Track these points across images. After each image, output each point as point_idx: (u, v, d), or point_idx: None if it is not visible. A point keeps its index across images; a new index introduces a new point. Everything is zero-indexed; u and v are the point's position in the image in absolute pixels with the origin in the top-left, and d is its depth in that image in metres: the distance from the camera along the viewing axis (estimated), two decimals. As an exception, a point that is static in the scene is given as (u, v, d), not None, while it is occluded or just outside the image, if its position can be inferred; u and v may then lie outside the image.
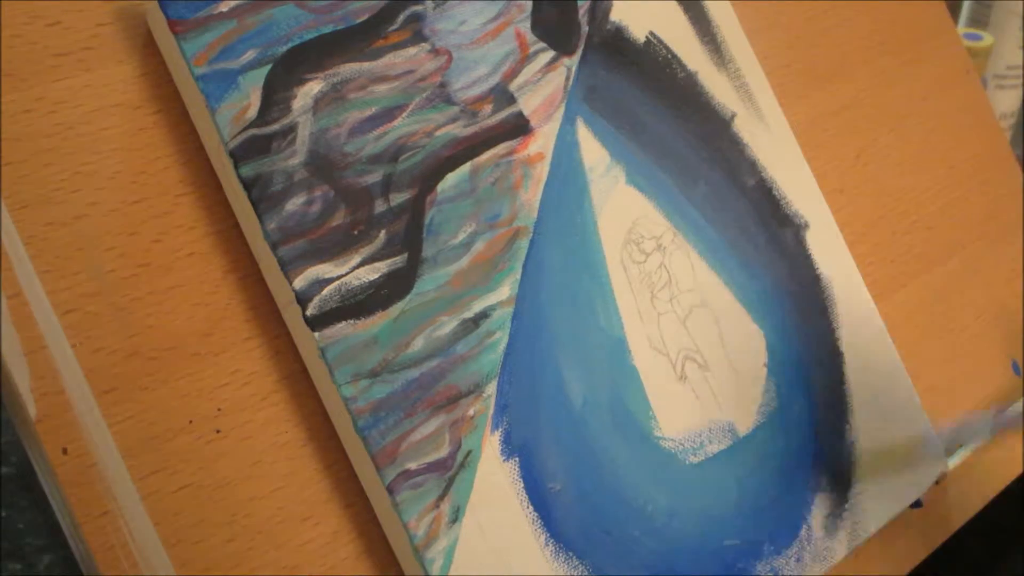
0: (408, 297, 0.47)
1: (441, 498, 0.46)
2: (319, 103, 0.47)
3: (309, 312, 0.45)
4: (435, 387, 0.47)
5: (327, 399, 0.46)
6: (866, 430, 0.58)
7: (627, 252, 0.53)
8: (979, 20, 1.02)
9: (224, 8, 0.46)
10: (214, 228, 0.46)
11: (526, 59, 0.53)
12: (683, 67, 0.58)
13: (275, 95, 0.46)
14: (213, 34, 0.45)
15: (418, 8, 0.50)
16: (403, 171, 0.48)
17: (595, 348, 0.51)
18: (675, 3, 0.58)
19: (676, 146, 0.57)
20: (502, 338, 0.49)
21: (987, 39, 0.98)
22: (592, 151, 0.54)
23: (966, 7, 1.03)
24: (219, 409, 0.44)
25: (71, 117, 0.44)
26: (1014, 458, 0.66)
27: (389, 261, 0.47)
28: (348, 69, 0.48)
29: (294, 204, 0.45)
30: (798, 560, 0.54)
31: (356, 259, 0.46)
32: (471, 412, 0.47)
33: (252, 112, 0.45)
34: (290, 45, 0.47)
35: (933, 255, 0.68)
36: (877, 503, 0.57)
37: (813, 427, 0.57)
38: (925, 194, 0.69)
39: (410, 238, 0.48)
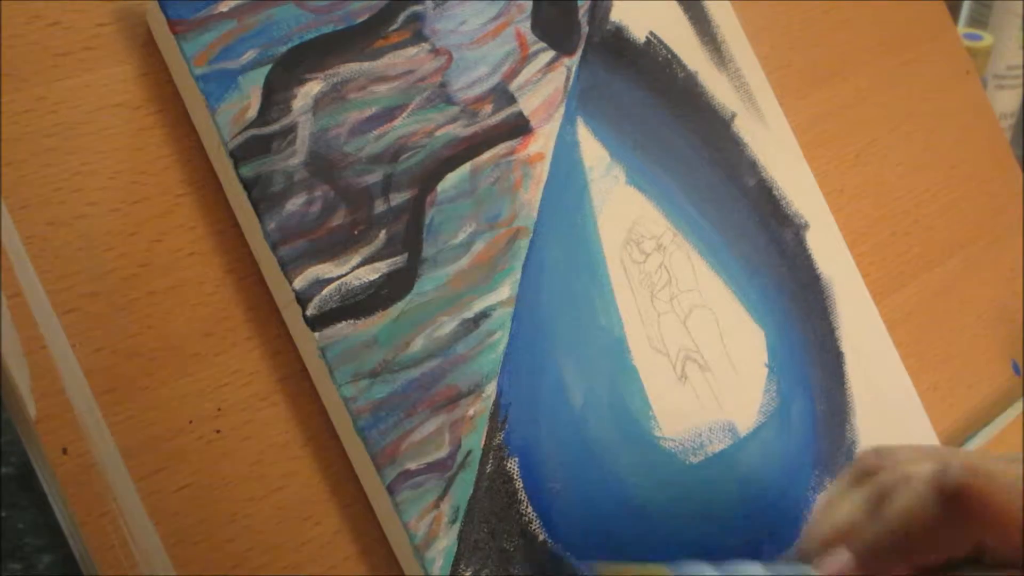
0: (408, 297, 0.47)
1: (441, 498, 0.46)
2: (319, 103, 0.47)
3: (309, 312, 0.45)
4: (435, 387, 0.47)
5: (327, 399, 0.46)
6: (866, 430, 0.58)
7: (627, 252, 0.53)
8: (979, 20, 1.02)
9: (224, 8, 0.46)
10: (214, 228, 0.46)
11: (526, 59, 0.53)
12: (683, 67, 0.58)
13: (275, 95, 0.46)
14: (213, 34, 0.45)
15: (418, 8, 0.50)
16: (403, 171, 0.48)
17: (595, 348, 0.51)
18: (675, 3, 0.58)
19: (676, 146, 0.57)
20: (502, 338, 0.49)
21: (987, 39, 0.98)
22: (592, 151, 0.54)
23: (966, 7, 1.03)
24: (219, 409, 0.44)
25: (71, 117, 0.44)
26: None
27: (389, 261, 0.47)
28: (348, 69, 0.48)
29: (294, 204, 0.45)
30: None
31: (356, 259, 0.46)
32: (471, 412, 0.47)
33: (252, 112, 0.45)
34: (290, 45, 0.47)
35: (933, 255, 0.68)
36: (877, 503, 0.57)
37: (813, 427, 0.57)
38: (925, 194, 0.69)
39: (410, 238, 0.48)
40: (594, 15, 0.55)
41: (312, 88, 0.47)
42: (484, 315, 0.49)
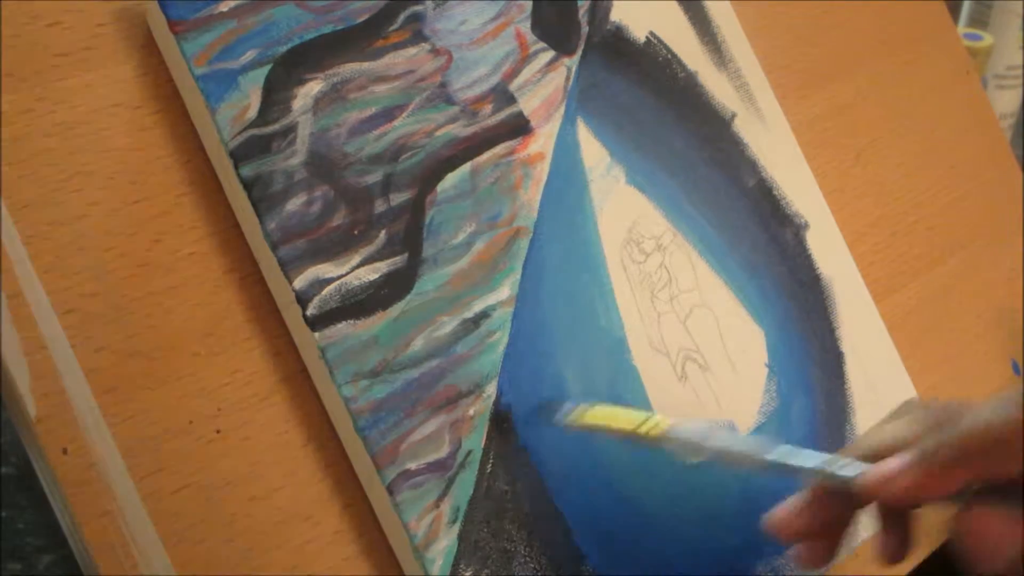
0: (408, 297, 0.47)
1: (441, 498, 0.46)
2: (319, 103, 0.47)
3: (309, 312, 0.45)
4: (435, 387, 0.47)
5: (327, 399, 0.46)
6: (866, 430, 0.58)
7: (627, 252, 0.53)
8: (979, 20, 1.02)
9: (224, 8, 0.45)
10: (214, 228, 0.46)
11: (526, 59, 0.53)
12: (683, 67, 0.58)
13: (275, 95, 0.46)
14: (213, 34, 0.45)
15: (418, 8, 0.50)
16: (403, 171, 0.48)
17: (595, 348, 0.51)
18: (675, 3, 0.58)
19: (676, 146, 0.57)
20: (502, 338, 0.49)
21: (987, 39, 0.98)
22: (592, 151, 0.54)
23: (966, 7, 1.03)
24: (219, 409, 0.44)
25: (71, 117, 0.44)
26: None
27: (389, 261, 0.47)
28: (348, 69, 0.48)
29: (294, 204, 0.45)
30: (798, 560, 0.54)
31: (356, 259, 0.46)
32: (471, 412, 0.47)
33: (252, 112, 0.45)
34: (290, 45, 0.47)
35: (933, 255, 0.68)
36: (877, 503, 0.57)
37: (813, 427, 0.57)
38: (925, 194, 0.69)
39: (410, 238, 0.48)
40: (594, 15, 0.55)
41: (312, 88, 0.47)
42: (484, 315, 0.49)
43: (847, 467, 0.42)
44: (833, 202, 0.62)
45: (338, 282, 0.46)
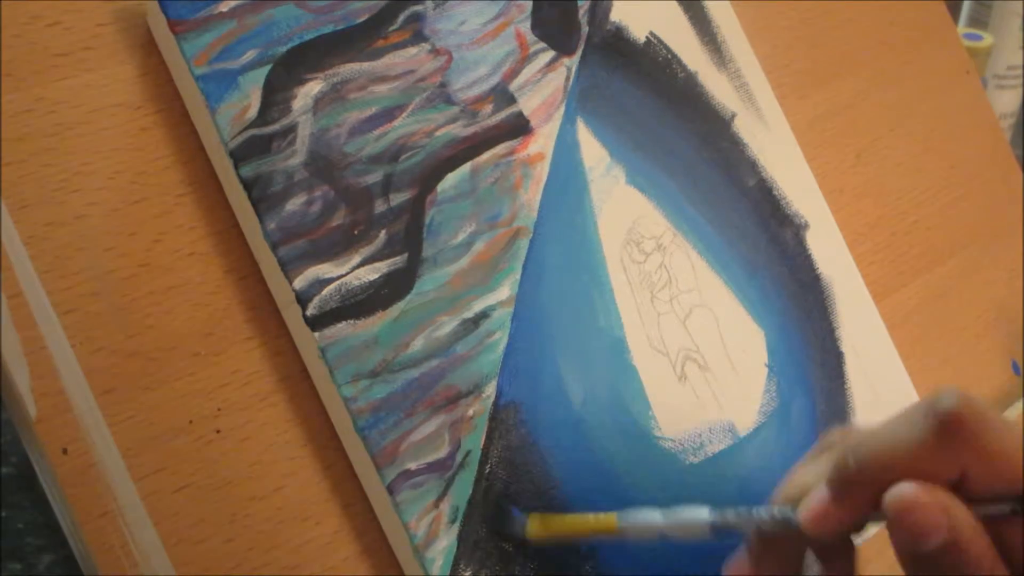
0: (408, 297, 0.47)
1: (441, 498, 0.46)
2: (319, 103, 0.47)
3: (309, 312, 0.45)
4: (435, 387, 0.47)
5: (327, 399, 0.46)
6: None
7: (627, 252, 0.53)
8: (979, 20, 1.02)
9: (224, 8, 0.46)
10: (214, 228, 0.46)
11: (526, 59, 0.53)
12: (683, 67, 0.58)
13: (275, 95, 0.46)
14: (213, 34, 0.45)
15: (418, 8, 0.50)
16: (403, 171, 0.48)
17: (595, 348, 0.51)
18: (675, 3, 0.58)
19: (676, 146, 0.57)
20: (502, 338, 0.49)
21: (987, 39, 0.98)
22: (592, 151, 0.54)
23: (966, 7, 1.03)
24: (219, 409, 0.44)
25: (71, 117, 0.44)
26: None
27: (389, 261, 0.47)
28: (348, 69, 0.48)
29: (294, 204, 0.45)
30: (798, 560, 0.54)
31: (356, 259, 0.46)
32: (471, 412, 0.47)
33: (252, 112, 0.45)
34: (290, 45, 0.47)
35: (933, 255, 0.68)
36: (877, 503, 0.57)
37: (813, 427, 0.57)
38: (925, 194, 0.69)
39: (410, 238, 0.48)
40: (594, 15, 0.55)
41: (312, 88, 0.47)
42: (484, 315, 0.49)
43: (786, 511, 0.41)
44: (833, 202, 0.62)
45: (338, 282, 0.46)
